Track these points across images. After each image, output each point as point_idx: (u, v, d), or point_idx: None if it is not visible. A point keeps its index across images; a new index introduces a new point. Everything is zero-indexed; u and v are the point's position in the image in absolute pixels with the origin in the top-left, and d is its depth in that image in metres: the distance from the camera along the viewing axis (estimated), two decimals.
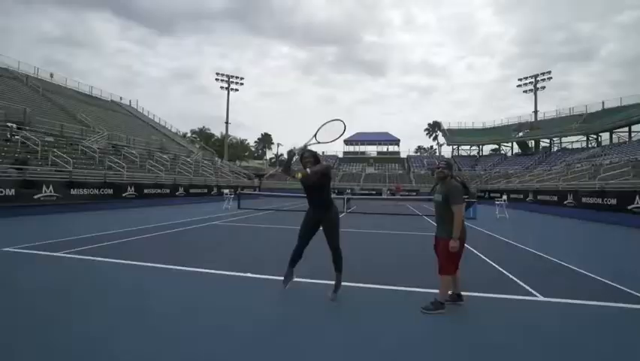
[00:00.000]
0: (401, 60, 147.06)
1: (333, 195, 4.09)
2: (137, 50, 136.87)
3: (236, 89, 50.74)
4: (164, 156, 25.30)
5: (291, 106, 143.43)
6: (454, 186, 3.36)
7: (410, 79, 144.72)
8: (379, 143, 53.95)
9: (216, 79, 49.92)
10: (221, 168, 33.58)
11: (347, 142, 54.42)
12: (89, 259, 5.16)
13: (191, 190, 21.85)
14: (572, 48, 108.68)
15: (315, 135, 3.69)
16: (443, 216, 3.37)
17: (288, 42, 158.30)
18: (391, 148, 53.99)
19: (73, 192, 13.12)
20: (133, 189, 16.43)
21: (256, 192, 27.90)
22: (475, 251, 6.45)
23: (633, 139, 33.67)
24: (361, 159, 51.34)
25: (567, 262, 5.61)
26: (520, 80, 48.46)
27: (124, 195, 15.87)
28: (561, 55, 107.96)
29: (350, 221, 12.02)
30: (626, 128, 34.68)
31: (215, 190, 24.57)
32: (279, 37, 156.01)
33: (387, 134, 55.24)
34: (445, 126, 55.83)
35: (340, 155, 53.34)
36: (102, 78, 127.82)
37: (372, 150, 54.16)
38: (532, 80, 46.93)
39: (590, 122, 39.11)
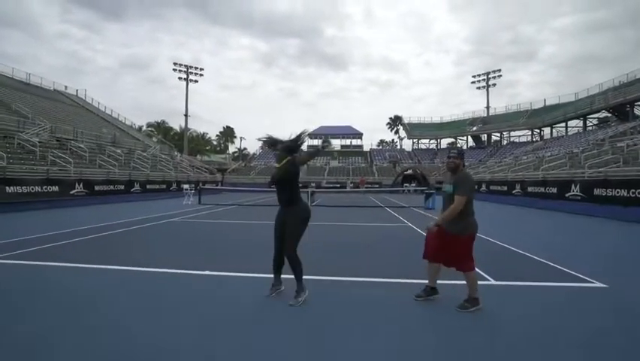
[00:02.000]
0: (362, 55, 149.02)
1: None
2: (81, 34, 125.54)
3: (196, 80, 48.65)
4: (118, 151, 23.67)
5: (253, 99, 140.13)
6: (465, 176, 3.15)
7: (371, 73, 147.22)
8: (343, 136, 54.58)
9: (174, 69, 47.51)
10: (180, 162, 32.15)
11: (311, 136, 54.30)
12: (19, 263, 4.70)
13: (149, 186, 20.70)
14: (517, 49, 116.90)
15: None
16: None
17: (248, 33, 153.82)
18: (354, 142, 54.88)
19: (8, 190, 11.85)
20: (82, 185, 15.20)
21: (218, 188, 27.08)
22: None
23: (569, 133, 37.11)
24: (325, 152, 51.64)
25: (515, 247, 6.05)
26: (473, 76, 51.32)
27: (72, 192, 14.63)
28: (508, 55, 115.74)
29: (316, 214, 12.08)
30: (564, 124, 38.12)
31: (174, 186, 23.50)
32: (238, 27, 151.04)
33: (350, 127, 56.02)
34: (406, 120, 57.76)
35: (304, 148, 53.10)
36: (42, 65, 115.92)
37: (335, 143, 54.59)
38: (485, 77, 49.85)
39: (534, 117, 42.44)
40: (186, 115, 49.13)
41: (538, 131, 41.86)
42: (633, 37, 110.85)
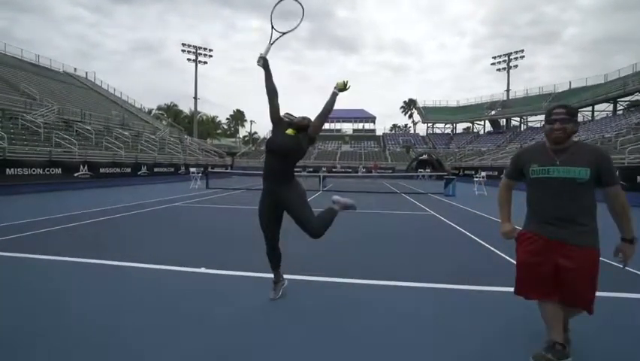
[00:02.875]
0: (374, 37, 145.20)
1: (304, 174, 3.17)
2: (92, 18, 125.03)
3: (205, 62, 47.64)
4: (125, 133, 23.20)
5: (263, 83, 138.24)
6: (603, 152, 1.84)
7: (383, 57, 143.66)
8: (355, 120, 53.14)
9: (183, 50, 46.50)
10: (189, 145, 31.64)
11: None
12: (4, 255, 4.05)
13: (156, 169, 20.23)
14: (537, 30, 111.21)
15: (272, 26, 2.95)
16: (583, 205, 1.80)
17: (258, 15, 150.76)
18: (367, 126, 53.45)
19: (9, 171, 11.40)
20: (86, 168, 14.73)
21: (228, 171, 26.51)
22: (480, 240, 5.86)
23: (597, 118, 34.99)
24: (337, 136, 50.48)
25: None
26: (494, 57, 48.77)
27: (76, 175, 14.18)
28: (527, 37, 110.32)
29: (329, 200, 11.32)
30: (590, 108, 35.92)
31: (182, 169, 23.00)
32: (248, 9, 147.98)
33: (362, 111, 54.43)
34: (421, 104, 55.81)
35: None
36: (53, 48, 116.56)
37: (347, 127, 53.37)
38: (506, 58, 47.31)
39: (558, 101, 40.15)
40: (195, 97, 48.45)
41: None
42: None
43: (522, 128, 44.09)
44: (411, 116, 61.79)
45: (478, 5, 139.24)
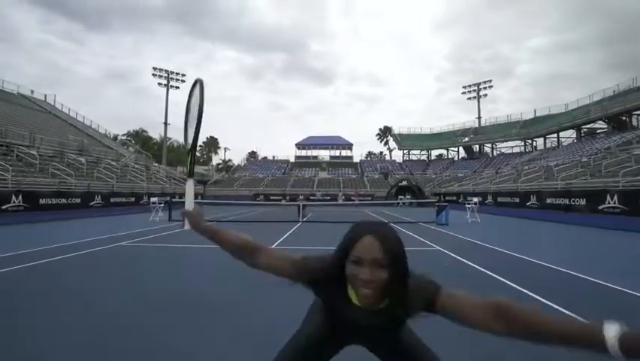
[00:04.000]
0: (347, 69, 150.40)
1: (283, 202, 1.65)
2: (62, 45, 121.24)
3: (177, 87, 46.11)
4: (81, 159, 20.85)
5: (238, 111, 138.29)
6: None
7: (357, 88, 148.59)
8: (332, 147, 52.67)
9: (154, 74, 44.88)
10: (156, 173, 29.31)
11: (299, 146, 52.39)
12: None
13: (113, 199, 17.93)
14: (495, 66, 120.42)
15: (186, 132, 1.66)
16: None
17: (234, 46, 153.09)
18: (344, 152, 53.02)
19: None
20: (20, 199, 12.40)
21: (197, 201, 24.33)
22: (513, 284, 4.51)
23: (563, 144, 36.29)
24: (314, 163, 49.56)
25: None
26: (464, 87, 50.86)
27: (4, 207, 11.83)
28: (486, 72, 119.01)
29: (311, 233, 9.77)
30: (556, 135, 37.38)
31: (145, 199, 20.72)
32: (224, 40, 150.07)
33: (340, 138, 54.27)
34: (396, 131, 56.51)
35: (292, 159, 51.06)
36: (21, 75, 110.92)
37: (324, 154, 52.71)
38: (476, 87, 49.31)
39: (526, 128, 41.69)
40: (165, 123, 46.35)
41: (530, 141, 41.07)
42: (597, 58, 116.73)
43: (494, 154, 45.16)
44: (387, 143, 62.36)
45: (444, 42, 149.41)
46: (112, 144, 34.79)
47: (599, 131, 34.03)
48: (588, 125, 35.00)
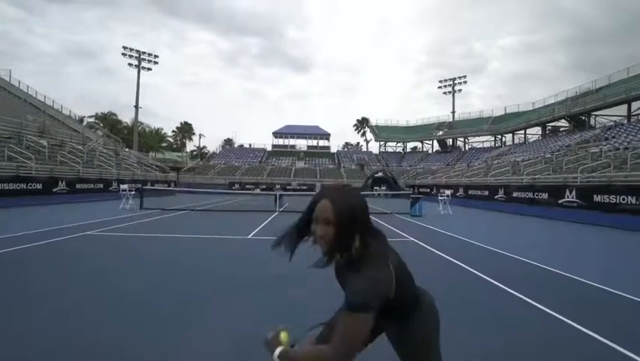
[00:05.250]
0: (325, 58, 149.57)
1: (257, 192, 1.63)
2: (15, 13, 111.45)
3: (149, 68, 43.96)
4: (42, 142, 19.56)
5: (214, 97, 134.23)
6: None
7: (334, 77, 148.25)
8: (309, 136, 52.47)
9: (124, 54, 42.44)
10: (126, 159, 28.04)
11: (276, 135, 51.79)
12: None
13: (79, 185, 17.03)
14: (469, 62, 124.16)
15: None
16: None
17: (208, 28, 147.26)
18: (321, 142, 53.00)
19: None
20: None
21: (169, 189, 23.67)
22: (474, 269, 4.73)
23: (530, 140, 38.14)
24: (291, 152, 49.23)
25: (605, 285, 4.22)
26: (440, 81, 51.91)
27: None
28: (461, 67, 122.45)
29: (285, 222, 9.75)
30: (523, 131, 39.19)
31: (115, 185, 19.84)
32: (198, 21, 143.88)
33: (317, 127, 54.10)
34: (373, 122, 57.05)
35: (269, 148, 50.45)
36: None
37: (302, 143, 52.44)
38: (451, 82, 50.49)
39: (497, 123, 43.39)
40: (137, 106, 44.24)
41: (500, 137, 42.84)
42: (562, 60, 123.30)
43: (466, 148, 46.76)
44: (364, 134, 62.90)
45: (420, 36, 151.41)
46: (77, 127, 32.80)
47: (562, 129, 36.02)
48: (552, 123, 36.92)
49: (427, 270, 4.17)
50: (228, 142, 61.09)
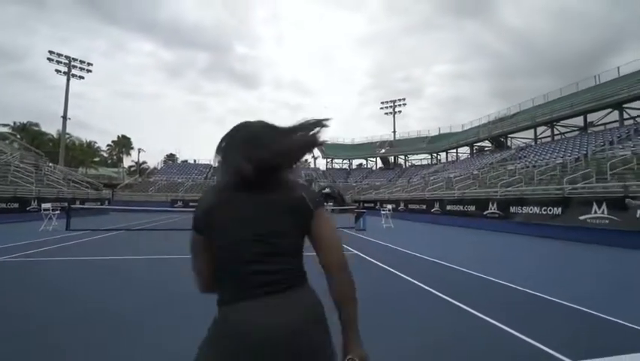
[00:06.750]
0: (273, 76, 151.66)
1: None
2: None
3: (81, 77, 40.43)
4: None
5: (156, 110, 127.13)
6: None
7: (282, 95, 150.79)
8: None
9: (50, 59, 38.52)
10: (50, 175, 25.14)
11: None
12: None
13: None
14: (408, 85, 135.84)
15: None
16: None
17: (150, 39, 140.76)
18: None
19: None
20: None
21: (102, 207, 21.72)
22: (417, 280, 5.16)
23: (461, 158, 42.21)
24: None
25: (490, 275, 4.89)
26: (382, 103, 55.36)
27: None
28: (401, 91, 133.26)
29: None
30: (455, 150, 43.34)
31: (34, 204, 17.65)
32: (138, 30, 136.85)
33: None
34: None
35: (215, 164, 48.66)
36: None
37: None
38: (392, 104, 54.19)
39: (433, 143, 47.35)
40: (64, 117, 40.12)
41: (436, 155, 46.76)
42: (486, 88, 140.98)
43: (407, 165, 50.07)
44: (311, 151, 63.97)
45: (364, 59, 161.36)
46: None
47: (486, 148, 40.46)
48: (478, 144, 41.47)
49: (366, 280, 4.49)
50: (171, 157, 57.89)
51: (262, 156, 0.96)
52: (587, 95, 25.51)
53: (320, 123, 1.06)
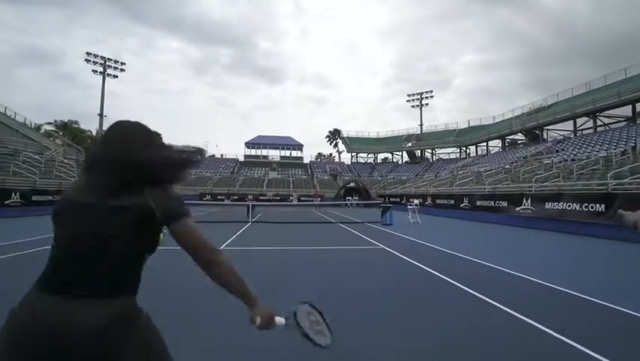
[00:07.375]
0: (297, 70, 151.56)
1: (227, 202, 1.49)
2: None
3: (115, 76, 42.43)
4: None
5: (182, 105, 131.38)
6: None
7: (306, 89, 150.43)
8: (282, 147, 52.52)
9: (87, 60, 40.70)
10: None
11: (248, 145, 51.39)
12: None
13: (35, 197, 15.98)
14: (434, 77, 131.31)
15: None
16: None
17: (177, 36, 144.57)
18: (294, 153, 53.19)
19: None
20: None
21: None
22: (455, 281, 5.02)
23: (491, 152, 40.54)
24: (264, 163, 48.98)
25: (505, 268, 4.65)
26: (409, 95, 54.14)
27: None
28: (426, 81, 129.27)
29: (259, 233, 9.76)
30: (485, 143, 41.65)
31: None
32: (166, 28, 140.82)
33: (290, 138, 54.32)
34: (345, 134, 58.13)
35: (241, 158, 49.89)
36: None
37: (274, 154, 52.38)
38: (419, 96, 52.81)
39: (461, 136, 45.74)
40: (101, 114, 42.41)
41: (465, 148, 45.15)
42: (517, 78, 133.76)
43: (434, 159, 48.78)
44: (336, 145, 63.90)
45: (387, 51, 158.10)
46: (33, 135, 30.89)
47: (519, 141, 38.58)
48: (511, 137, 39.58)
49: (393, 275, 4.40)
50: (199, 152, 59.58)
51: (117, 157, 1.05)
52: (637, 82, 23.47)
53: (196, 153, 1.26)
